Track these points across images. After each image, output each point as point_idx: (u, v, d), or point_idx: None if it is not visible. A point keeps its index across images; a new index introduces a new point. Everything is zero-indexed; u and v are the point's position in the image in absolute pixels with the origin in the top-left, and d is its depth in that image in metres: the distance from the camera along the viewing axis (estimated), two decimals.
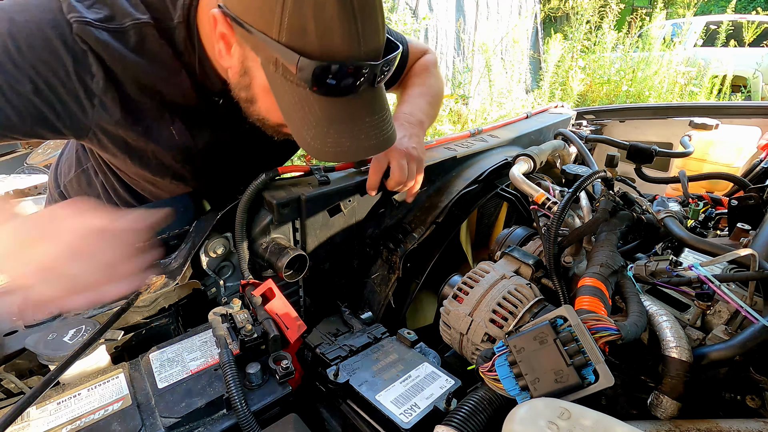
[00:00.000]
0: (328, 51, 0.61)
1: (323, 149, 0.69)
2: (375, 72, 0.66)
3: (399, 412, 0.64)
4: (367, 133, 0.70)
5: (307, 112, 0.67)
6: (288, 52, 0.61)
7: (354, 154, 0.71)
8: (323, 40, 0.61)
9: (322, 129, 0.67)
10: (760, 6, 10.09)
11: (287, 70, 0.63)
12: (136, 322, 0.85)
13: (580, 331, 0.56)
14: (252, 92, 0.74)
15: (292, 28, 0.60)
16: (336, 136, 0.68)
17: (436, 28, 6.29)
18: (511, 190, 1.29)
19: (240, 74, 0.72)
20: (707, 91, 5.46)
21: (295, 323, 0.78)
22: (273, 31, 0.61)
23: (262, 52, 0.65)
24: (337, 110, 0.67)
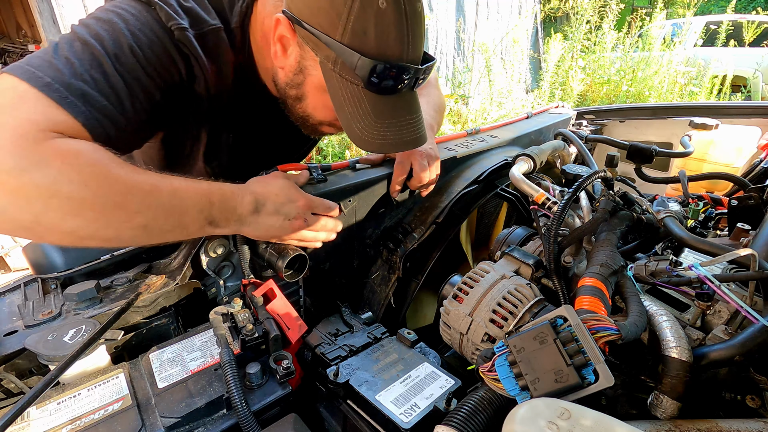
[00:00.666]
0: (383, 53, 0.70)
1: (370, 140, 0.76)
2: (417, 76, 0.76)
3: (399, 412, 0.64)
4: (407, 129, 0.79)
5: (357, 107, 0.75)
6: (349, 51, 0.69)
7: (396, 146, 0.79)
8: (380, 43, 0.69)
9: (369, 121, 0.75)
10: (760, 6, 10.09)
11: (345, 68, 0.71)
12: (136, 322, 0.85)
13: (580, 331, 0.56)
14: (303, 90, 0.82)
15: (355, 31, 0.69)
16: (382, 129, 0.76)
17: (436, 28, 6.29)
18: (511, 190, 1.29)
19: (294, 72, 0.80)
20: (707, 91, 5.46)
21: (296, 323, 0.78)
22: (337, 33, 0.69)
23: (323, 52, 0.72)
24: (383, 106, 0.76)
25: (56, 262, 0.82)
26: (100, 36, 0.66)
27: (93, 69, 0.64)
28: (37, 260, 0.82)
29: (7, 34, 5.49)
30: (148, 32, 0.70)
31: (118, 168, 0.60)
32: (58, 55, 0.63)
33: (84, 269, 0.83)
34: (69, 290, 0.79)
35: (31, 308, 0.78)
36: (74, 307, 0.78)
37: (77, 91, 0.61)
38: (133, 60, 0.68)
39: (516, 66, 6.14)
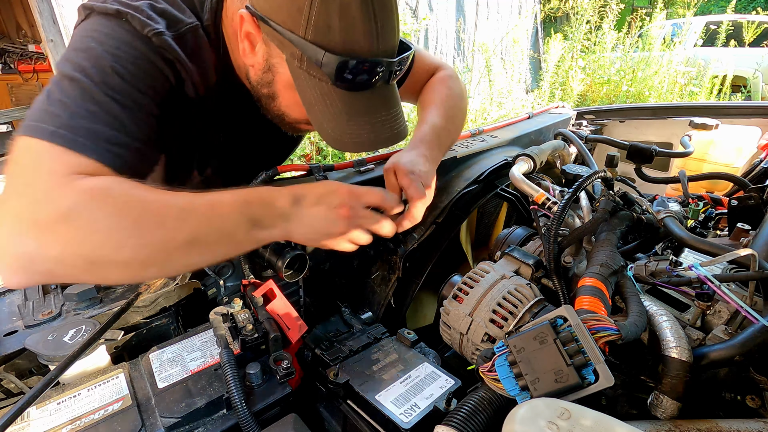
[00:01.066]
0: (350, 47, 0.67)
1: (343, 140, 0.73)
2: (391, 69, 0.72)
3: (399, 412, 0.64)
4: (383, 125, 0.75)
5: (328, 105, 0.71)
6: (314, 48, 0.66)
7: (371, 144, 0.75)
8: (346, 38, 0.66)
9: (342, 121, 0.72)
10: (760, 6, 10.09)
11: (311, 65, 0.68)
12: (136, 322, 0.85)
13: (580, 331, 0.56)
14: (274, 88, 0.79)
15: (318, 26, 0.65)
16: (355, 128, 0.73)
17: (436, 28, 6.29)
18: (511, 190, 1.29)
19: (263, 71, 0.77)
20: (707, 91, 5.46)
21: (296, 323, 0.78)
22: (300, 29, 0.66)
23: (288, 49, 0.69)
24: (356, 104, 0.72)
25: None
26: (82, 66, 0.65)
27: (86, 102, 0.63)
28: None
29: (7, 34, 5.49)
30: (126, 47, 0.69)
31: (146, 192, 0.61)
32: (51, 100, 0.63)
33: None
34: (69, 290, 0.79)
35: (31, 308, 0.78)
36: (74, 307, 0.78)
37: (81, 130, 0.61)
38: (119, 81, 0.66)
39: (516, 66, 6.14)
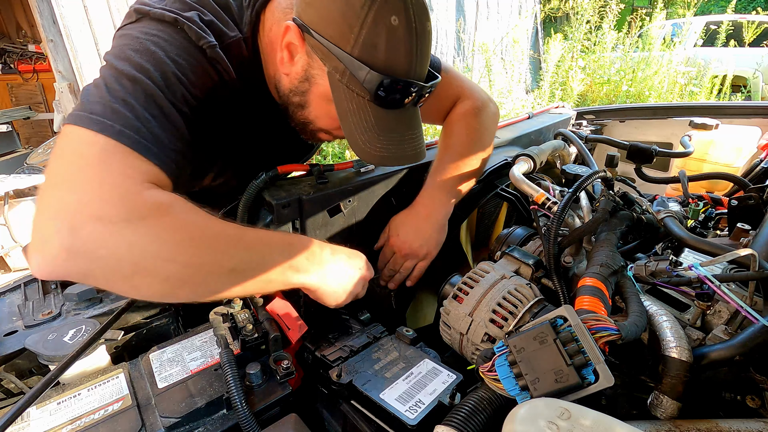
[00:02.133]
0: (391, 67, 0.71)
1: (372, 152, 0.77)
2: (422, 93, 0.77)
3: (404, 409, 0.64)
4: (408, 143, 0.80)
5: (362, 119, 0.76)
6: (358, 64, 0.70)
7: (397, 159, 0.80)
8: (389, 58, 0.71)
9: (373, 134, 0.76)
10: (760, 6, 10.09)
11: (352, 80, 0.72)
12: (136, 322, 0.85)
13: (580, 331, 0.56)
14: (307, 98, 0.82)
15: (366, 44, 0.70)
16: (384, 143, 0.77)
17: (436, 28, 6.29)
18: (511, 190, 1.29)
19: (300, 80, 0.80)
20: (707, 91, 5.46)
21: (296, 324, 0.78)
22: (347, 45, 0.70)
23: (331, 63, 0.72)
24: (387, 121, 0.77)
25: None
26: (145, 69, 0.66)
27: (150, 106, 0.64)
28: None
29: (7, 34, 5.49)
30: (186, 56, 0.71)
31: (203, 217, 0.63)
32: (114, 98, 0.62)
33: None
34: (69, 290, 0.79)
35: (31, 308, 0.78)
36: (74, 307, 0.78)
37: (146, 134, 0.62)
38: (181, 88, 0.69)
39: (516, 66, 6.14)
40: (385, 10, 0.68)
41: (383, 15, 0.68)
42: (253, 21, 0.81)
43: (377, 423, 0.66)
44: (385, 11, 0.68)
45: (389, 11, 0.68)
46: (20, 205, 3.06)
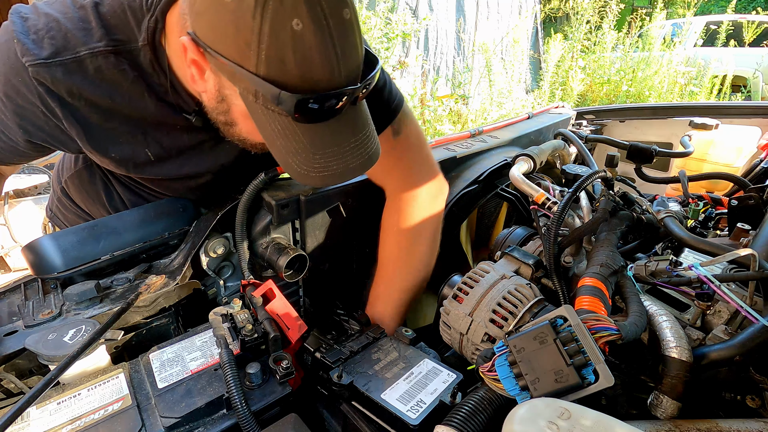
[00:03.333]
0: (308, 81, 0.60)
1: (310, 174, 0.67)
2: (356, 95, 0.65)
3: (406, 409, 0.64)
4: (353, 153, 0.68)
5: (290, 139, 0.65)
6: (267, 85, 0.59)
7: (341, 176, 0.69)
8: (303, 70, 0.59)
9: (308, 155, 0.66)
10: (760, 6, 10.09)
11: (267, 100, 0.61)
12: (136, 322, 0.85)
13: (580, 331, 0.56)
14: (231, 116, 0.73)
15: (270, 60, 0.58)
16: (323, 161, 0.67)
17: (436, 28, 6.29)
18: (511, 190, 1.29)
19: (217, 100, 0.71)
20: (707, 91, 5.46)
21: (295, 323, 0.78)
22: (250, 64, 0.58)
23: (240, 83, 0.62)
24: (321, 134, 0.66)
25: (55, 263, 0.82)
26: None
27: None
28: (36, 261, 0.82)
29: None
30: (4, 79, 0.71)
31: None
32: None
33: (84, 269, 0.83)
34: (69, 290, 0.79)
35: (31, 308, 0.78)
36: (74, 307, 0.78)
37: None
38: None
39: (516, 66, 6.13)
40: (282, 15, 0.55)
41: (281, 21, 0.55)
42: (152, 28, 0.72)
43: (378, 423, 0.66)
44: (282, 17, 0.55)
45: (288, 15, 0.55)
46: (20, 205, 3.06)
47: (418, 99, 4.90)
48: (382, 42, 4.65)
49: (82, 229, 0.86)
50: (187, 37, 0.63)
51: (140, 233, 0.91)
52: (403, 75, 5.60)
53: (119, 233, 0.88)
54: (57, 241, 0.82)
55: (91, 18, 0.72)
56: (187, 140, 0.86)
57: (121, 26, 0.73)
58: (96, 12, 0.72)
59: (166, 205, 0.96)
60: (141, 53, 0.74)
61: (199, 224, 0.94)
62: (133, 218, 0.91)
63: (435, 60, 6.44)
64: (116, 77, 0.74)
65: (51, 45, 0.70)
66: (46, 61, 0.70)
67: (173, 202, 0.97)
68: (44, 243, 0.82)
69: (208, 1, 0.58)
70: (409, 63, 5.62)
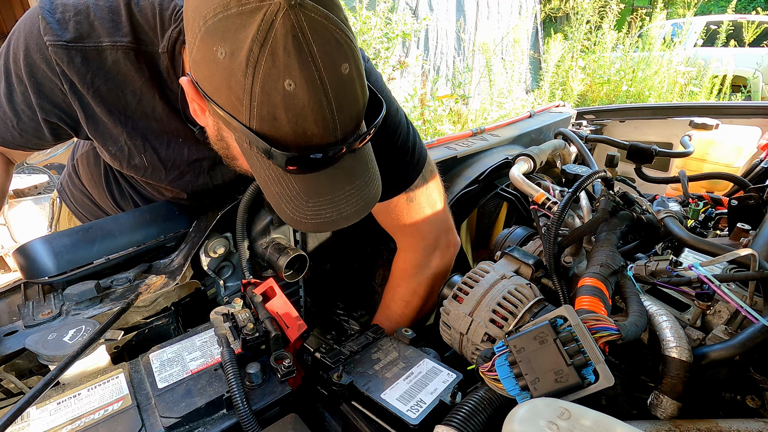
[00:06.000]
0: (301, 137, 0.58)
1: (303, 221, 0.66)
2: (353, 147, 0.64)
3: (406, 409, 0.64)
4: (348, 200, 0.67)
5: (284, 187, 0.64)
6: (259, 140, 0.58)
7: (334, 223, 0.67)
8: (296, 128, 0.57)
9: (300, 202, 0.65)
10: (760, 6, 10.09)
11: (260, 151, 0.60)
12: (136, 322, 0.85)
13: (580, 331, 0.56)
14: (231, 153, 0.73)
15: (262, 117, 0.57)
16: (316, 208, 0.65)
17: (437, 28, 6.29)
18: (511, 190, 1.29)
19: (217, 138, 0.71)
20: (707, 91, 5.46)
21: (295, 322, 0.78)
22: (243, 118, 0.58)
23: (234, 131, 0.62)
24: (316, 183, 0.65)
25: (48, 266, 0.81)
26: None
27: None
28: (26, 265, 0.81)
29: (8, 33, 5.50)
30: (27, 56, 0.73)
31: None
32: None
33: (77, 273, 0.83)
34: (69, 290, 0.79)
35: (31, 308, 0.78)
36: (74, 307, 0.78)
37: None
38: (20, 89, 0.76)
39: (516, 66, 6.14)
40: (274, 76, 0.53)
41: (273, 82, 0.54)
42: (174, 38, 0.73)
43: (378, 423, 0.66)
44: (273, 77, 0.53)
45: (280, 76, 0.53)
46: (20, 205, 3.06)
47: (418, 99, 4.89)
48: (382, 42, 4.65)
49: (76, 231, 0.85)
50: (187, 78, 0.64)
51: (136, 236, 0.90)
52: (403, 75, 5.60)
53: (114, 236, 0.88)
54: (50, 244, 0.81)
55: (122, 12, 0.73)
56: (186, 155, 0.86)
57: (148, 28, 0.74)
58: (128, 8, 0.74)
59: (162, 207, 0.95)
60: (160, 58, 0.75)
61: (199, 224, 0.94)
62: (128, 221, 0.90)
63: (435, 60, 6.44)
64: (132, 74, 0.75)
65: (75, 29, 0.71)
66: (67, 44, 0.71)
67: (170, 205, 0.96)
68: (36, 246, 0.81)
69: (203, 53, 0.57)
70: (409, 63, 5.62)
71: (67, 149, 0.93)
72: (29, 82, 0.75)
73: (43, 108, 0.77)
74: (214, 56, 0.55)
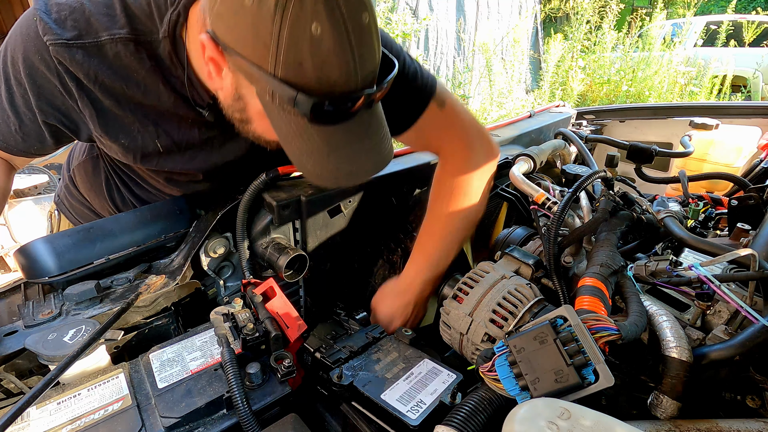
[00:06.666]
0: (325, 84, 0.61)
1: (323, 175, 0.70)
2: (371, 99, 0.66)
3: (406, 410, 0.64)
4: (366, 155, 0.70)
5: (305, 140, 0.67)
6: (284, 87, 0.60)
7: (354, 177, 0.71)
8: (320, 74, 0.60)
9: (321, 156, 0.68)
10: (760, 6, 10.09)
11: (284, 102, 0.62)
12: (136, 322, 0.85)
13: (580, 331, 0.56)
14: (247, 114, 0.73)
15: (288, 63, 0.58)
16: (335, 162, 0.68)
17: (437, 28, 6.29)
18: (511, 190, 1.29)
19: (233, 98, 0.71)
20: (707, 91, 5.46)
21: (295, 322, 0.78)
22: (268, 65, 0.59)
23: (257, 83, 0.63)
24: (335, 137, 0.67)
25: (49, 266, 0.81)
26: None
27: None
28: (28, 265, 0.81)
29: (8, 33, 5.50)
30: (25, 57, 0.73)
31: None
32: None
33: (78, 273, 0.83)
34: (69, 290, 0.79)
35: (31, 308, 0.78)
36: (74, 307, 0.78)
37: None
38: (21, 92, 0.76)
39: (516, 66, 6.14)
40: (302, 20, 0.55)
41: (300, 25, 0.56)
42: (174, 21, 0.73)
43: (378, 424, 0.66)
44: (301, 21, 0.56)
45: (307, 19, 0.55)
46: (20, 205, 3.06)
47: None
48: None
49: (77, 231, 0.85)
50: (206, 35, 0.64)
51: (137, 236, 0.90)
52: None
53: (115, 235, 0.88)
54: (51, 244, 0.82)
55: (116, 5, 0.74)
56: (197, 135, 0.87)
57: (144, 17, 0.75)
58: (121, 0, 0.74)
59: (163, 207, 0.96)
60: (161, 45, 0.75)
61: (199, 224, 0.94)
62: (129, 220, 0.91)
63: (435, 60, 6.44)
64: (133, 65, 0.76)
65: (73, 27, 0.72)
66: (68, 42, 0.71)
67: (170, 204, 0.96)
68: (37, 246, 0.81)
69: (228, 4, 0.59)
70: None
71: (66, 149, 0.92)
72: (29, 84, 0.75)
73: (42, 110, 0.77)
74: (241, 4, 0.57)
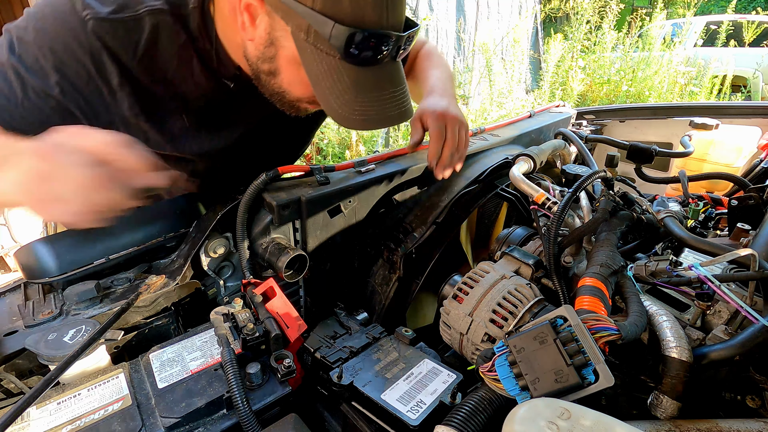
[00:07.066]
0: (359, 19, 0.65)
1: (350, 117, 0.72)
2: (399, 44, 0.70)
3: (406, 410, 0.64)
4: (391, 103, 0.74)
5: (335, 80, 0.70)
6: (322, 18, 0.64)
7: (379, 121, 0.75)
8: (356, 8, 0.64)
9: (350, 97, 0.71)
10: (760, 6, 10.09)
11: (319, 38, 0.66)
12: (136, 322, 0.85)
13: (580, 331, 0.56)
14: (276, 64, 0.76)
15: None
16: (363, 105, 0.72)
17: (437, 28, 6.29)
18: (511, 190, 1.29)
19: (265, 45, 0.74)
20: (707, 91, 5.46)
21: (295, 322, 0.78)
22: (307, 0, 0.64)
23: (294, 20, 0.67)
24: (364, 79, 0.71)
25: (49, 267, 0.81)
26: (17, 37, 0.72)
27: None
28: (29, 265, 0.82)
29: None
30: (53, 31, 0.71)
31: None
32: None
33: (78, 273, 0.83)
34: (69, 290, 0.79)
35: (31, 308, 0.78)
36: (74, 307, 0.78)
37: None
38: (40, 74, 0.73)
39: (516, 66, 6.13)
40: None
41: None
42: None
43: (378, 424, 0.66)
44: None
45: None
46: None
47: None
48: None
49: (77, 231, 0.85)
50: None
51: (137, 235, 0.90)
52: None
53: (116, 235, 0.88)
54: (52, 245, 0.82)
55: None
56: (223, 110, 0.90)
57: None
58: None
59: (163, 207, 0.96)
60: (191, 17, 0.77)
61: (199, 224, 0.94)
62: (129, 220, 0.90)
63: None
64: (170, 37, 0.77)
65: (113, 2, 0.73)
66: (108, 17, 0.72)
67: (171, 204, 0.97)
68: (39, 247, 0.82)
69: None
70: None
71: None
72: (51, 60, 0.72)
73: (62, 88, 0.75)
74: None
